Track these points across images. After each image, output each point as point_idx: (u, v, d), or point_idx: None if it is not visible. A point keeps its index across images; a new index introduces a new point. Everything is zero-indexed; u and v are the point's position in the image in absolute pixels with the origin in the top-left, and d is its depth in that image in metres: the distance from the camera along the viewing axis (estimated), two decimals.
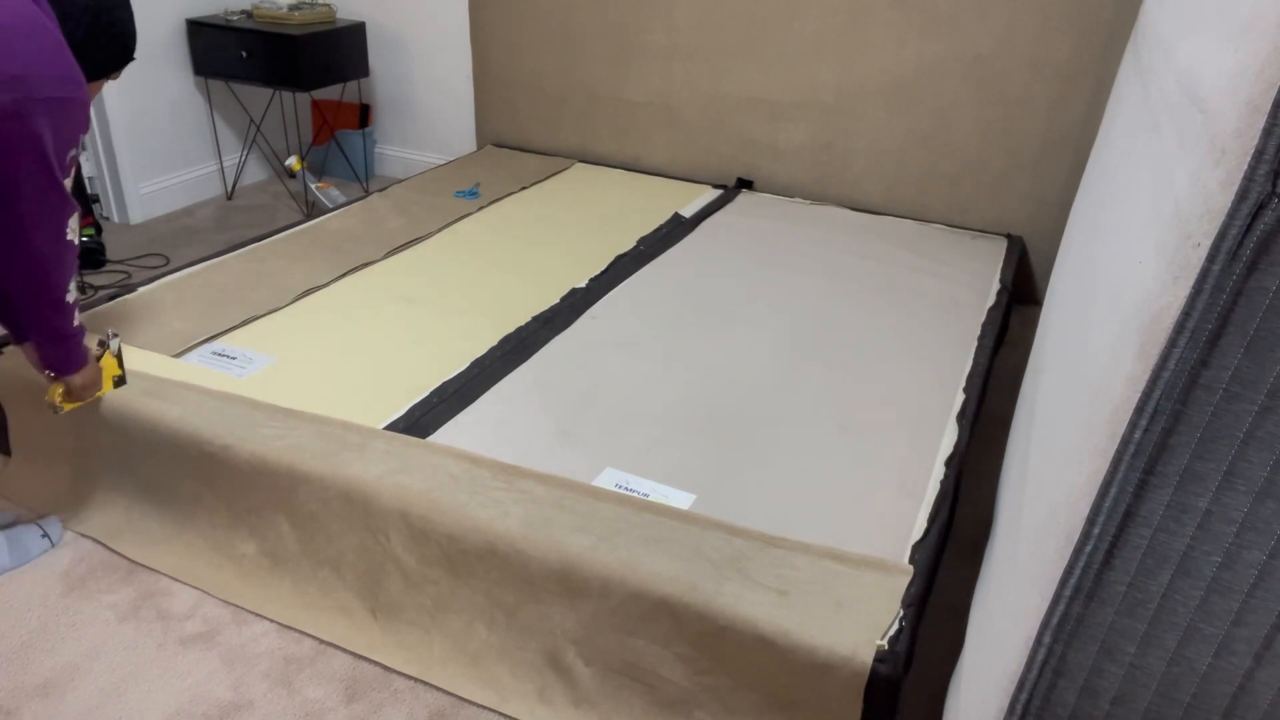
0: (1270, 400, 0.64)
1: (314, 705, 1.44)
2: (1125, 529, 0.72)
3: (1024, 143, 2.81)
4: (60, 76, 1.34)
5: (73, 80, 1.36)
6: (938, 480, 1.66)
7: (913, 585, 1.39)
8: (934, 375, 2.02)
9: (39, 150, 1.34)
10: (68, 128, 1.37)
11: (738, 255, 2.60)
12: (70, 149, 1.40)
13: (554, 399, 1.84)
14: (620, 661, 1.43)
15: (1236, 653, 0.73)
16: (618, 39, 3.21)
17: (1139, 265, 0.78)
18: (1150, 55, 1.29)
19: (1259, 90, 0.58)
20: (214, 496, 1.70)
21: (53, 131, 1.35)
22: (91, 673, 1.48)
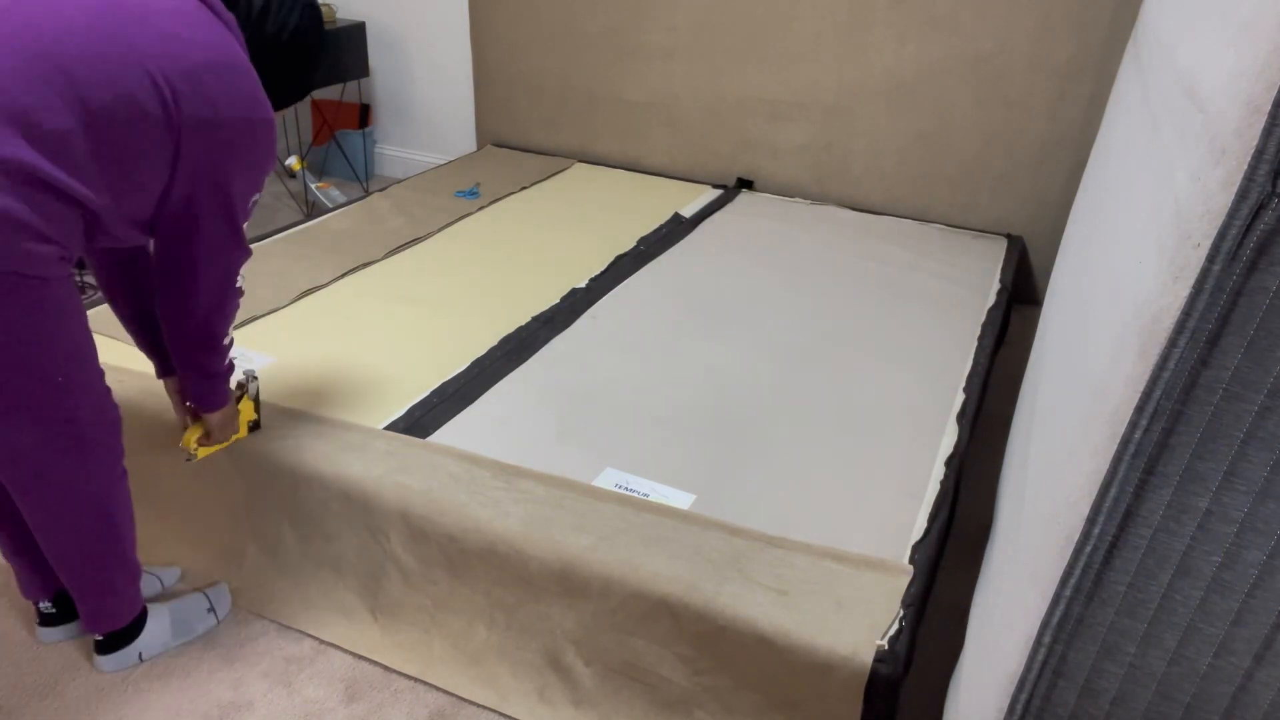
0: (1270, 400, 0.64)
1: (314, 705, 1.44)
2: (1125, 529, 0.72)
3: (1024, 143, 2.81)
4: (249, 118, 1.24)
5: (265, 122, 1.26)
6: (938, 480, 1.66)
7: (913, 585, 1.39)
8: (934, 375, 2.02)
9: (224, 197, 1.26)
10: (255, 171, 1.29)
11: (738, 255, 2.60)
12: (254, 193, 1.32)
13: (554, 399, 1.84)
14: (620, 661, 1.43)
15: (1236, 653, 0.73)
16: (618, 39, 3.21)
17: (1139, 265, 0.78)
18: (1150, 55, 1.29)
19: (1259, 90, 0.58)
20: (214, 497, 1.70)
21: (240, 175, 1.26)
22: (91, 673, 1.48)
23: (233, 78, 1.20)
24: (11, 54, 1.04)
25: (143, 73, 1.12)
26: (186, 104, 1.16)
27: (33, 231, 1.07)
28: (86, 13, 1.10)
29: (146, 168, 1.17)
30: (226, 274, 1.33)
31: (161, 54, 1.13)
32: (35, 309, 1.12)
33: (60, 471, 1.23)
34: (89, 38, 1.09)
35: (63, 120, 1.07)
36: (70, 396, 1.19)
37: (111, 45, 1.10)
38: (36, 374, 1.14)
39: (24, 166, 1.05)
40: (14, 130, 1.04)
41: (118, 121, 1.11)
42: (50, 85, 1.05)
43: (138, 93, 1.12)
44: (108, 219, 1.17)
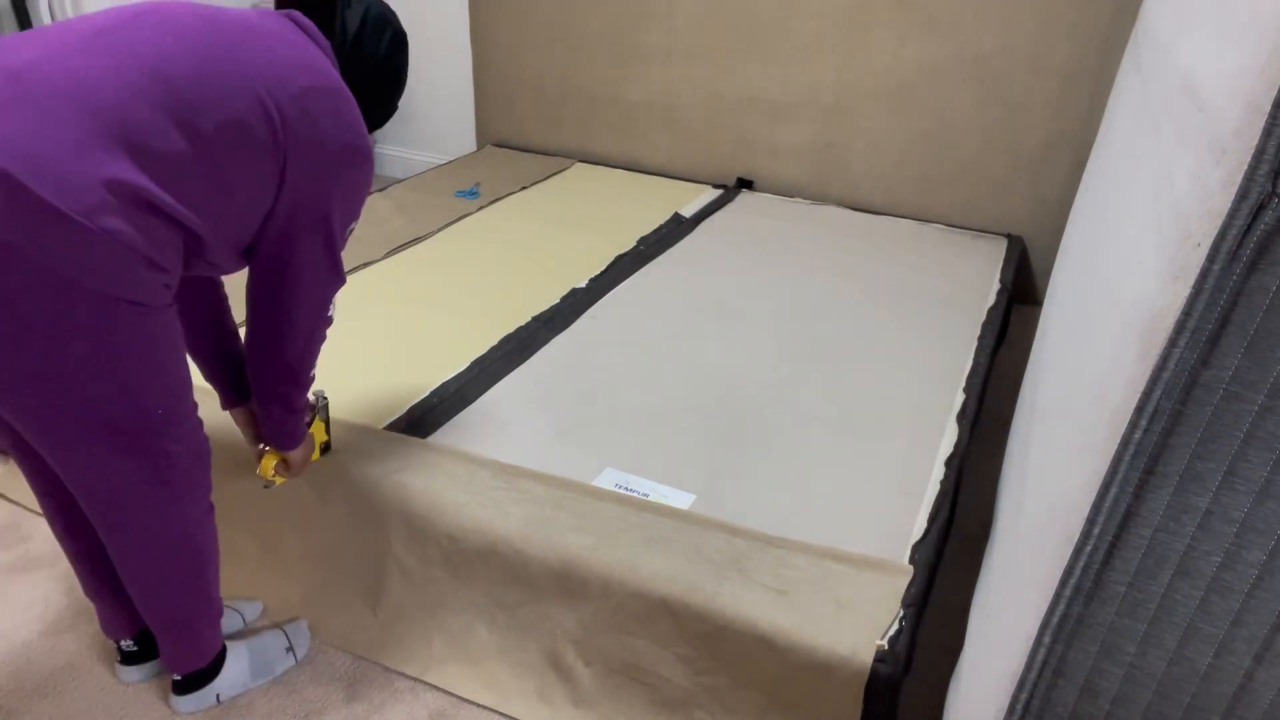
0: (1270, 400, 0.64)
1: (314, 705, 1.44)
2: (1125, 529, 0.72)
3: (1024, 143, 2.81)
4: (352, 144, 1.20)
5: (363, 148, 1.21)
6: (938, 480, 1.66)
7: (913, 585, 1.39)
8: (934, 375, 2.02)
9: (325, 224, 1.22)
10: (354, 199, 1.24)
11: (738, 255, 2.60)
12: (352, 222, 1.27)
13: (554, 399, 1.84)
14: (620, 661, 1.43)
15: (1236, 653, 0.73)
16: (618, 39, 3.21)
17: (1139, 265, 0.78)
18: (1150, 55, 1.29)
19: (1259, 90, 0.58)
20: (214, 496, 1.70)
21: (340, 204, 1.22)
22: (92, 673, 1.48)
23: (337, 102, 1.17)
24: (121, 75, 1.01)
25: (252, 95, 1.08)
26: (293, 127, 1.12)
27: (141, 257, 1.03)
28: (196, 34, 1.08)
29: (251, 192, 1.13)
30: (321, 304, 1.28)
31: (270, 76, 1.10)
32: (139, 338, 1.07)
33: (149, 505, 1.18)
34: (199, 59, 1.06)
35: (172, 142, 1.03)
36: (166, 428, 1.14)
37: (221, 67, 1.07)
38: (134, 405, 1.09)
39: (133, 189, 1.01)
40: (123, 151, 1.00)
41: (226, 144, 1.08)
42: (160, 106, 1.02)
43: (247, 115, 1.08)
44: (209, 244, 1.13)
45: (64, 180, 0.95)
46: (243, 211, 1.14)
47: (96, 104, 0.98)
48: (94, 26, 1.04)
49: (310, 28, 1.22)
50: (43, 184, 0.94)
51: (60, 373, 1.02)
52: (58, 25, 1.05)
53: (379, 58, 1.30)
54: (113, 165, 0.98)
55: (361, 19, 1.28)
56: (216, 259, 1.17)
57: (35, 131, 0.94)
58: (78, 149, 0.96)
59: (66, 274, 0.97)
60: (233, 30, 1.11)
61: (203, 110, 1.05)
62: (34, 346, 1.00)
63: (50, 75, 0.98)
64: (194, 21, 1.09)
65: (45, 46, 1.00)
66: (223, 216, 1.12)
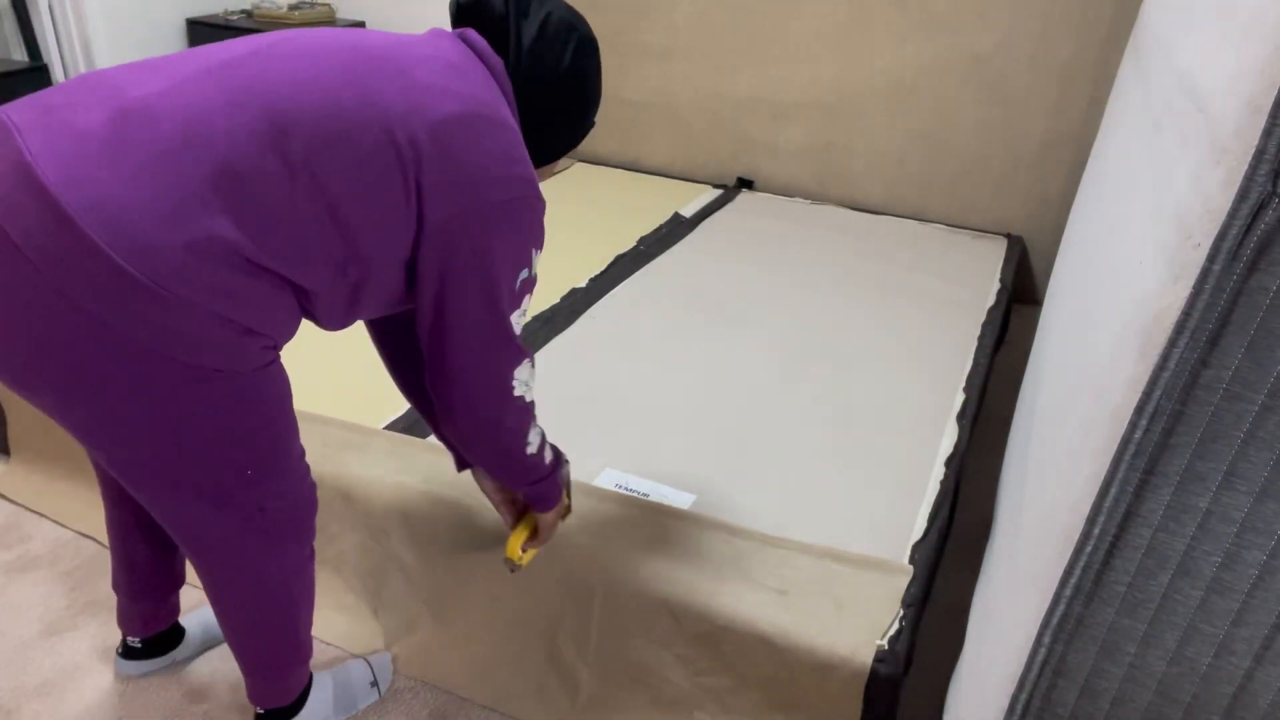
0: (1270, 400, 0.64)
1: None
2: (1125, 529, 0.72)
3: (1024, 143, 2.81)
4: (506, 178, 1.02)
5: (521, 182, 1.04)
6: (938, 480, 1.66)
7: (913, 585, 1.39)
8: (934, 375, 2.02)
9: (485, 278, 1.03)
10: (518, 245, 1.05)
11: (738, 255, 2.60)
12: (522, 270, 1.07)
13: (554, 399, 1.84)
14: (620, 661, 1.43)
15: (1236, 653, 0.73)
16: (618, 39, 3.21)
17: (1139, 265, 0.78)
18: (1150, 55, 1.29)
19: (1259, 90, 0.58)
20: None
21: (498, 251, 1.03)
22: (92, 672, 1.48)
23: (485, 131, 1.01)
24: (235, 115, 0.90)
25: (379, 130, 0.95)
26: (429, 164, 0.97)
27: (235, 325, 0.93)
28: (326, 67, 0.96)
29: (381, 241, 0.99)
30: (498, 380, 1.09)
31: (404, 108, 0.96)
32: (232, 403, 0.97)
33: (245, 553, 1.10)
34: (323, 94, 0.93)
35: (283, 190, 0.91)
36: (263, 485, 1.05)
37: (346, 102, 0.94)
38: (228, 467, 1.01)
39: (230, 248, 0.89)
40: (225, 204, 0.89)
41: (347, 188, 0.95)
42: (273, 149, 0.91)
43: (373, 154, 0.95)
44: (327, 302, 1.00)
45: (151, 249, 0.85)
46: (373, 261, 1.00)
47: (203, 149, 0.88)
48: (219, 59, 0.94)
49: (481, 46, 1.07)
50: (130, 253, 0.85)
51: (149, 436, 0.95)
52: (185, 54, 0.97)
53: (562, 70, 1.11)
54: (210, 222, 0.88)
55: (540, 27, 1.09)
56: (347, 314, 1.05)
57: (128, 188, 0.85)
58: (172, 209, 0.86)
59: (153, 346, 0.89)
60: (371, 59, 0.98)
61: (321, 152, 0.93)
62: (121, 411, 0.93)
63: (159, 114, 0.89)
64: (328, 52, 0.97)
65: (165, 79, 0.92)
66: (346, 270, 0.99)
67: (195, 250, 0.87)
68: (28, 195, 0.84)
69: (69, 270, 0.85)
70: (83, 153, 0.85)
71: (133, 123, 0.88)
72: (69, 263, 0.84)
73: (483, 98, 1.02)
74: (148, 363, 0.90)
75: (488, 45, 1.08)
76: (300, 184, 0.92)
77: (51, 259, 0.84)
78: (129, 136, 0.87)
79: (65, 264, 0.84)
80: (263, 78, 0.93)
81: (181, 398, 0.94)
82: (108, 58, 3.09)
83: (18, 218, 0.84)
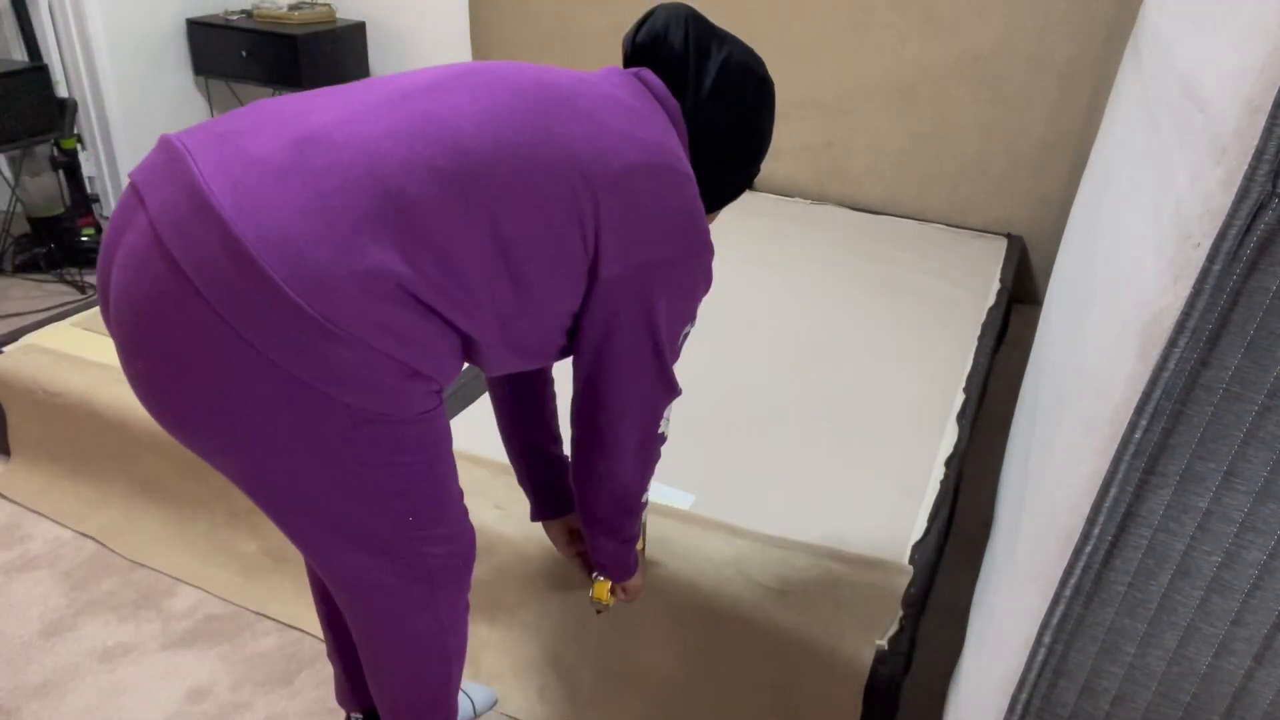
0: (1270, 400, 0.64)
1: (314, 705, 1.44)
2: (1125, 529, 0.72)
3: (1024, 143, 2.81)
4: (682, 231, 0.98)
5: (697, 236, 1.00)
6: (938, 480, 1.66)
7: (913, 585, 1.39)
8: (934, 375, 2.02)
9: (651, 329, 1.01)
10: (687, 297, 1.03)
11: (738, 255, 2.60)
12: (687, 324, 1.06)
13: None
14: (620, 661, 1.43)
15: (1236, 653, 0.73)
16: (618, 39, 3.20)
17: (1139, 265, 0.78)
18: (1150, 55, 1.29)
19: (1259, 90, 0.58)
20: (214, 495, 1.70)
21: (667, 304, 1.00)
22: (92, 672, 1.48)
23: (667, 181, 0.96)
24: (413, 149, 0.85)
25: (561, 175, 0.90)
26: (609, 214, 0.93)
27: (400, 365, 0.87)
28: (507, 102, 0.91)
29: (554, 289, 0.95)
30: (650, 422, 1.09)
31: (587, 153, 0.92)
32: (395, 449, 0.92)
33: (400, 603, 1.04)
34: (505, 132, 0.89)
35: (457, 229, 0.86)
36: (422, 532, 1.00)
37: (528, 143, 0.90)
38: (388, 515, 0.96)
39: (396, 283, 0.84)
40: (396, 240, 0.84)
41: (524, 233, 0.90)
42: (450, 186, 0.86)
43: (552, 199, 0.90)
44: (491, 349, 0.96)
45: (323, 282, 0.81)
46: (541, 311, 0.96)
47: (378, 181, 0.84)
48: (400, 89, 0.91)
49: (659, 89, 1.03)
50: (302, 287, 0.80)
51: (308, 481, 0.91)
52: (360, 84, 0.93)
53: (740, 116, 1.07)
54: (381, 255, 0.83)
55: (720, 70, 1.04)
56: (506, 364, 1.01)
57: (302, 218, 0.81)
58: (343, 240, 0.82)
59: (319, 386, 0.84)
60: (555, 98, 0.93)
61: (502, 192, 0.88)
62: (280, 454, 0.88)
63: (336, 144, 0.85)
64: (511, 88, 0.93)
65: (341, 109, 0.88)
66: (514, 317, 0.95)
67: (365, 284, 0.83)
68: (201, 223, 0.80)
69: (238, 302, 0.80)
70: (258, 181, 0.82)
71: (309, 152, 0.84)
72: (239, 294, 0.80)
73: (667, 146, 0.98)
74: (311, 403, 0.85)
75: (665, 88, 1.03)
76: (476, 223, 0.88)
77: (221, 290, 0.80)
78: (305, 166, 0.83)
79: (235, 295, 0.80)
80: (443, 112, 0.89)
81: (345, 442, 0.88)
82: (108, 58, 3.09)
83: (188, 245, 0.80)
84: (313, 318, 0.81)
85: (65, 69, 3.10)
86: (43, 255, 2.84)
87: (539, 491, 1.31)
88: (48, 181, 2.78)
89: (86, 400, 1.77)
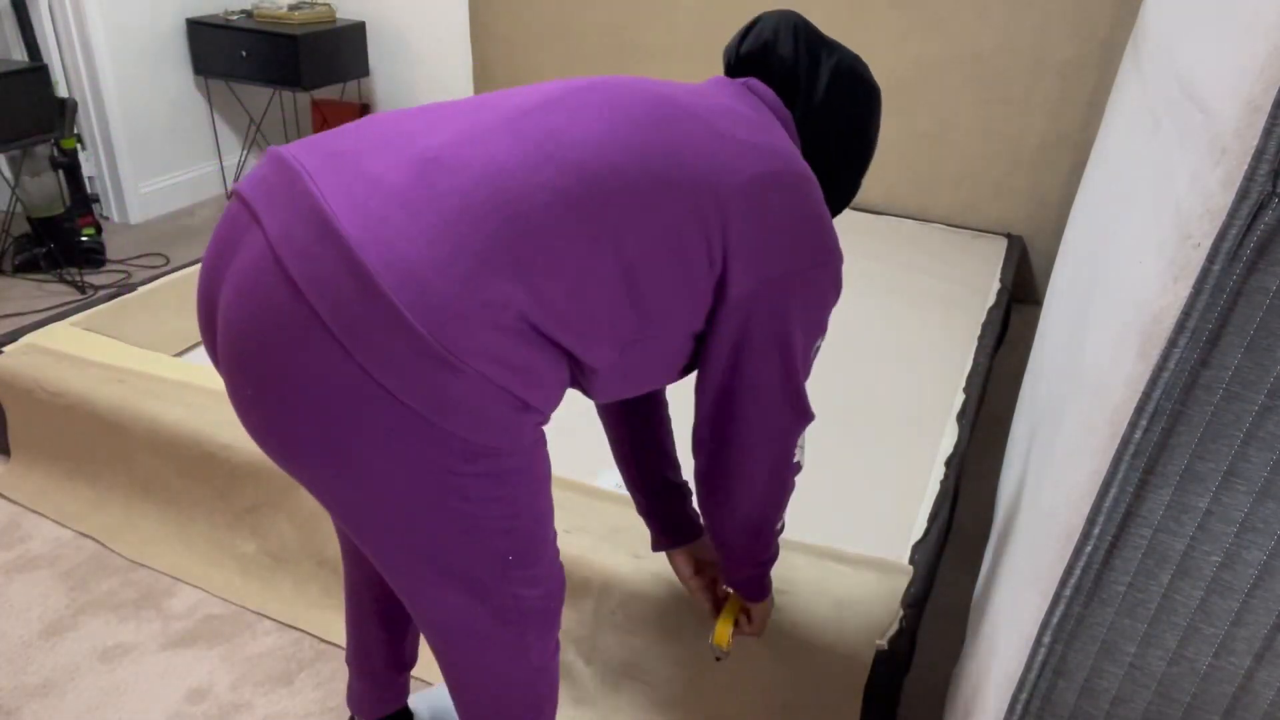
0: (1270, 400, 0.64)
1: (314, 705, 1.44)
2: (1125, 529, 0.72)
3: (1024, 143, 2.81)
4: (813, 242, 0.95)
5: (827, 245, 0.96)
6: (938, 480, 1.66)
7: (913, 585, 1.39)
8: (934, 375, 2.02)
9: (783, 347, 0.97)
10: (818, 309, 0.99)
11: None
12: (818, 338, 1.01)
13: None
14: (620, 661, 1.42)
15: (1236, 653, 0.73)
16: (618, 39, 3.20)
17: (1139, 265, 0.78)
18: (1150, 55, 1.29)
19: (1259, 90, 0.58)
20: (214, 495, 1.70)
21: (801, 318, 0.96)
22: (92, 672, 1.48)
23: (796, 192, 0.93)
24: (536, 169, 0.82)
25: (686, 192, 0.87)
26: (737, 229, 0.90)
27: (512, 398, 0.84)
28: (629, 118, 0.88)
29: (676, 311, 0.92)
30: (784, 449, 1.04)
31: (712, 167, 0.89)
32: (498, 485, 0.88)
33: (490, 644, 1.01)
34: (628, 150, 0.86)
35: (580, 252, 0.83)
36: (518, 572, 0.96)
37: (653, 160, 0.86)
38: (486, 553, 0.92)
39: (517, 313, 0.81)
40: (517, 265, 0.81)
41: (648, 254, 0.87)
42: (573, 208, 0.83)
43: (677, 217, 0.87)
44: (604, 376, 0.92)
45: (446, 313, 0.78)
46: (662, 336, 0.93)
47: (500, 205, 0.81)
48: (518, 105, 0.88)
49: (769, 97, 1.00)
50: (426, 317, 0.77)
51: (409, 514, 0.87)
52: (471, 101, 0.91)
53: (850, 121, 1.04)
54: (503, 285, 0.80)
55: (831, 77, 1.02)
56: (619, 389, 0.97)
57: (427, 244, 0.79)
58: (467, 270, 0.79)
59: (431, 418, 0.81)
60: (674, 112, 0.91)
61: (625, 214, 0.85)
62: (382, 486, 0.85)
63: (457, 165, 0.82)
64: (627, 104, 0.90)
65: (456, 128, 0.86)
66: (634, 344, 0.91)
67: (487, 315, 0.80)
68: (322, 246, 0.77)
69: (358, 328, 0.77)
70: (381, 205, 0.79)
71: (431, 174, 0.81)
72: (359, 319, 0.77)
73: (791, 152, 0.94)
74: (422, 435, 0.82)
75: (776, 97, 1.01)
76: (600, 246, 0.84)
77: (341, 314, 0.77)
78: (429, 189, 0.80)
79: (355, 320, 0.77)
80: (565, 130, 0.86)
81: (453, 476, 0.85)
82: (108, 58, 3.09)
83: (309, 267, 0.78)
84: (433, 347, 0.78)
85: (65, 69, 3.10)
86: (43, 255, 2.84)
87: (659, 520, 1.26)
88: (48, 181, 2.78)
89: (86, 400, 1.77)
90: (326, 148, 0.84)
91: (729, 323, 0.94)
